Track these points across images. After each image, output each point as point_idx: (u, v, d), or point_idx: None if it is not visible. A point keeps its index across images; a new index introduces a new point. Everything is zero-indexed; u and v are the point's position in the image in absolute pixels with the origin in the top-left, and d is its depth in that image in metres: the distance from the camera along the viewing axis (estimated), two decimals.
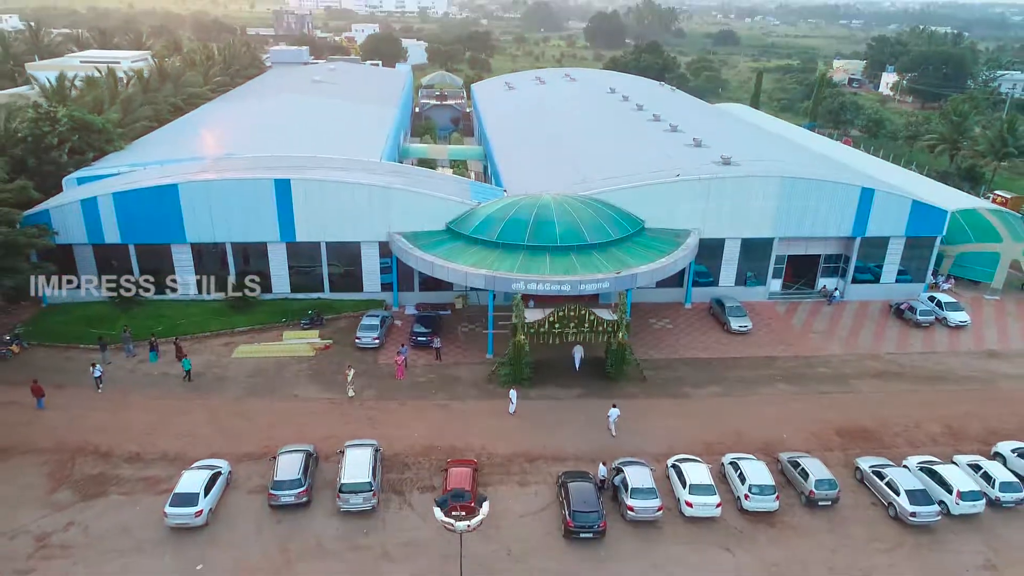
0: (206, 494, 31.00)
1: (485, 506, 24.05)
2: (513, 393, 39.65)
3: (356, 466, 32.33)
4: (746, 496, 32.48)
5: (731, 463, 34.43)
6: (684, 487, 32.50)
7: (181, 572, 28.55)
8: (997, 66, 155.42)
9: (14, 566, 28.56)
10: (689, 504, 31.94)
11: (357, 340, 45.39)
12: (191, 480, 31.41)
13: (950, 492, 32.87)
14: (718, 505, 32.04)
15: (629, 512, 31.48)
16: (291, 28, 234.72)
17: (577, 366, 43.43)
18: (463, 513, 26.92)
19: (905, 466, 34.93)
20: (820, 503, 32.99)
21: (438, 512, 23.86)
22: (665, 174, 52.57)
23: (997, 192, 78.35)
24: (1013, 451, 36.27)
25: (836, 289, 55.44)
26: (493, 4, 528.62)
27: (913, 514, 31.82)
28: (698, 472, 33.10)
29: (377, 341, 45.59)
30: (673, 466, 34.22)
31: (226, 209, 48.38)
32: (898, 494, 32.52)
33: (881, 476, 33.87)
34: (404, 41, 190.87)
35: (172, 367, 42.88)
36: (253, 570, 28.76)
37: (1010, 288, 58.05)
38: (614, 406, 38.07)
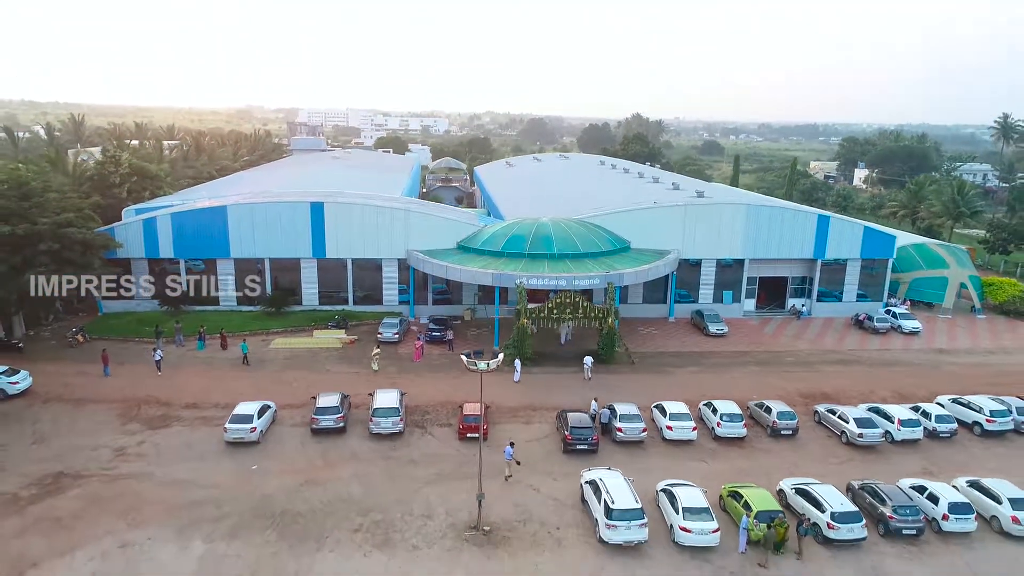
0: (258, 418, 36.56)
1: (500, 356, 30.14)
2: (517, 363, 45.66)
3: (385, 397, 38.15)
4: (718, 424, 38.06)
5: (706, 404, 40.11)
6: (664, 416, 38.12)
7: (239, 473, 33.73)
8: (958, 160, 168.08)
9: (100, 465, 33.89)
10: (669, 428, 37.46)
11: (380, 335, 51.50)
12: (246, 407, 37.11)
13: (892, 421, 38.49)
14: (694, 429, 37.59)
15: (619, 433, 36.98)
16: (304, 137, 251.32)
17: (563, 340, 49.73)
18: (476, 435, 32.72)
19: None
20: (782, 432, 38.50)
21: (464, 358, 30.00)
22: (647, 204, 60.49)
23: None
24: (951, 399, 42.02)
25: (803, 306, 62.10)
26: (492, 124, 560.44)
27: (860, 435, 37.34)
28: (677, 406, 38.78)
29: (397, 336, 51.77)
30: (656, 405, 39.84)
31: (267, 228, 55.76)
32: (847, 422, 38.15)
33: (834, 412, 39.56)
34: (410, 145, 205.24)
35: (219, 353, 48.95)
36: (299, 470, 33.97)
37: (961, 311, 64.68)
38: (589, 355, 44.39)
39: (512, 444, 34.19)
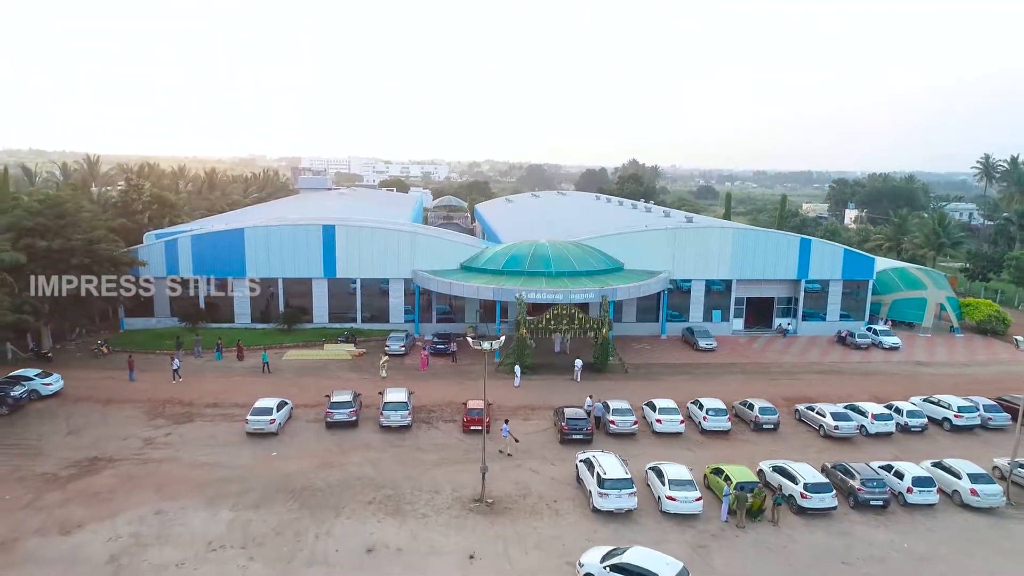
0: (277, 411, 39.42)
1: (502, 338, 33.24)
2: (517, 369, 48.67)
3: (395, 394, 41.13)
4: (704, 418, 40.92)
5: (693, 401, 43.00)
6: (654, 411, 40.99)
7: (260, 458, 36.48)
8: (944, 199, 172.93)
9: (131, 451, 36.67)
10: (659, 421, 40.31)
11: (387, 347, 54.46)
12: (265, 401, 40.04)
13: (866, 416, 41.36)
14: (681, 422, 40.45)
15: (612, 426, 39.80)
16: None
17: (557, 349, 52.84)
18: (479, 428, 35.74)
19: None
20: (764, 426, 41.32)
21: (470, 339, 33.24)
22: (639, 228, 64.15)
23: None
24: (922, 399, 44.92)
25: (790, 325, 65.23)
26: (491, 171, 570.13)
27: (836, 427, 40.19)
28: (666, 402, 41.67)
29: (403, 349, 54.76)
30: (647, 402, 42.70)
31: (281, 249, 59.24)
32: (824, 416, 41.01)
33: (812, 409, 42.45)
34: (412, 188, 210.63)
35: (235, 364, 51.91)
36: (316, 456, 36.72)
37: (941, 330, 67.81)
38: (578, 359, 48.26)
39: (507, 422, 37.30)
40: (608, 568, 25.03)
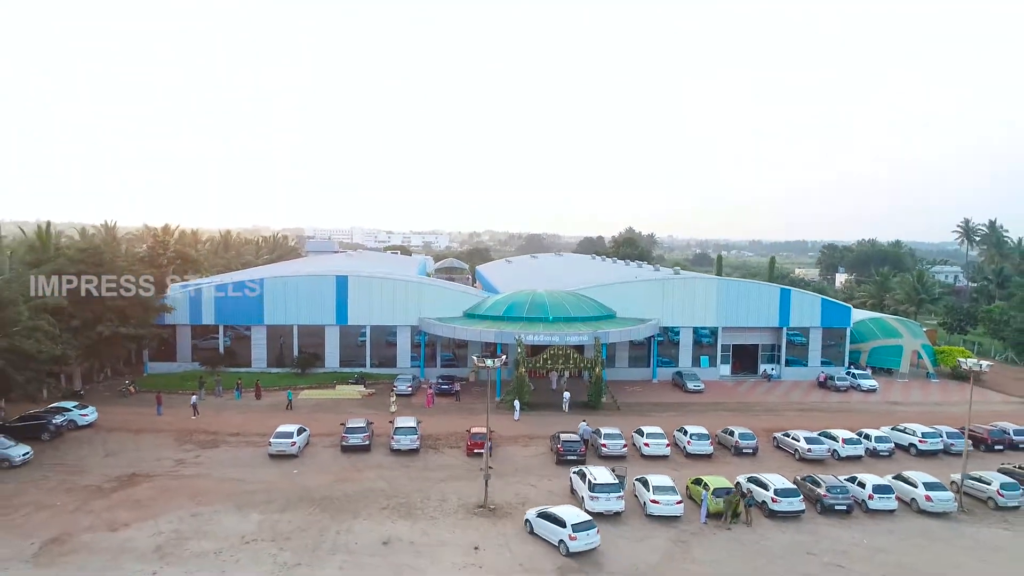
0: (297, 435, 43.15)
1: (503, 357, 37.36)
2: (516, 403, 52.44)
3: (405, 421, 44.93)
4: (688, 442, 44.57)
5: (679, 429, 46.71)
6: (642, 436, 44.70)
7: (282, 475, 40.04)
8: (930, 263, 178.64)
9: (165, 469, 40.29)
10: (647, 444, 43.97)
11: (395, 387, 58.23)
12: (286, 427, 43.84)
13: (837, 441, 45.03)
14: (667, 446, 44.10)
15: (603, 449, 43.43)
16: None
17: (554, 386, 56.64)
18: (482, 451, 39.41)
19: None
20: (744, 451, 44.92)
21: (474, 359, 37.19)
22: (629, 279, 68.85)
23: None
24: (890, 428, 48.63)
25: (773, 370, 69.12)
26: (491, 241, 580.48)
27: (808, 450, 43.86)
28: (654, 428, 45.42)
29: (410, 389, 58.58)
30: (636, 430, 46.40)
31: (297, 298, 63.73)
32: (799, 441, 44.67)
33: (788, 435, 46.13)
34: (414, 255, 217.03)
35: (253, 402, 55.64)
36: (333, 474, 40.27)
37: (918, 376, 71.65)
38: (566, 390, 52.38)
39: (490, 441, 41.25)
40: (537, 515, 32.35)
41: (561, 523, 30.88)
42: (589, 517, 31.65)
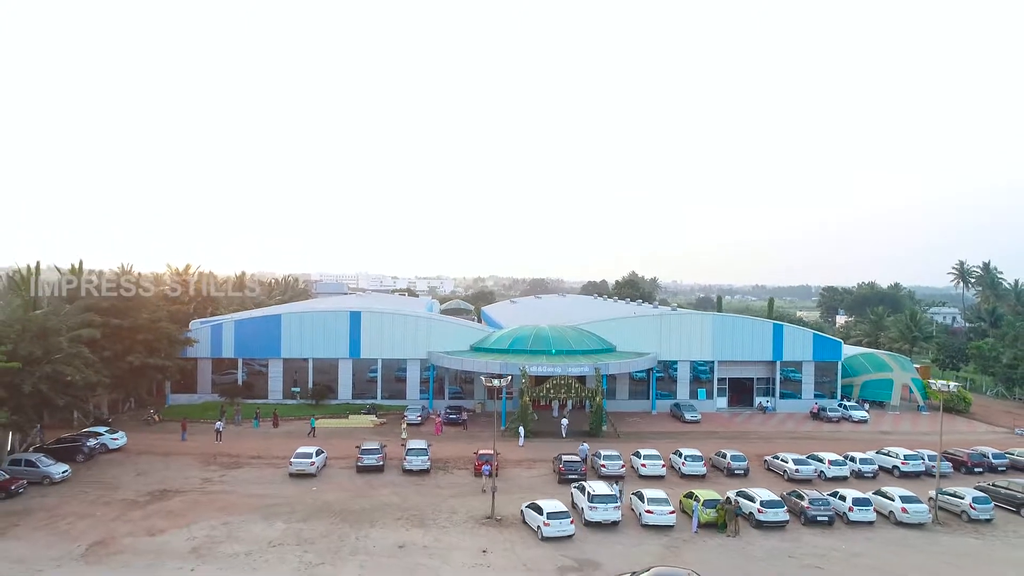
0: (316, 456, 46.11)
1: (509, 377, 40.50)
2: (521, 430, 55.34)
3: (416, 443, 47.89)
4: (683, 464, 47.36)
5: (674, 452, 49.51)
6: (640, 458, 47.53)
7: (303, 491, 42.92)
8: (929, 304, 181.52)
9: (193, 486, 43.23)
10: (644, 465, 46.77)
11: (406, 416, 61.21)
12: (305, 448, 46.83)
13: (823, 463, 47.76)
14: (663, 466, 46.88)
15: (602, 468, 46.24)
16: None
17: (556, 414, 59.55)
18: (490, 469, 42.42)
19: None
20: (735, 471, 47.65)
21: (483, 379, 40.25)
22: (629, 314, 72.17)
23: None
24: (875, 452, 51.33)
25: (768, 402, 71.86)
26: (495, 285, 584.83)
27: (796, 470, 46.56)
28: (651, 451, 48.28)
29: (420, 419, 61.55)
30: (634, 452, 49.22)
31: (312, 333, 67.17)
32: (787, 462, 47.43)
33: (778, 458, 48.89)
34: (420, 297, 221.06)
35: (271, 430, 58.62)
36: (350, 491, 43.12)
37: (909, 409, 74.27)
38: (563, 412, 54.20)
39: (490, 464, 44.02)
40: (526, 506, 37.41)
41: (540, 511, 35.76)
42: (565, 509, 36.25)
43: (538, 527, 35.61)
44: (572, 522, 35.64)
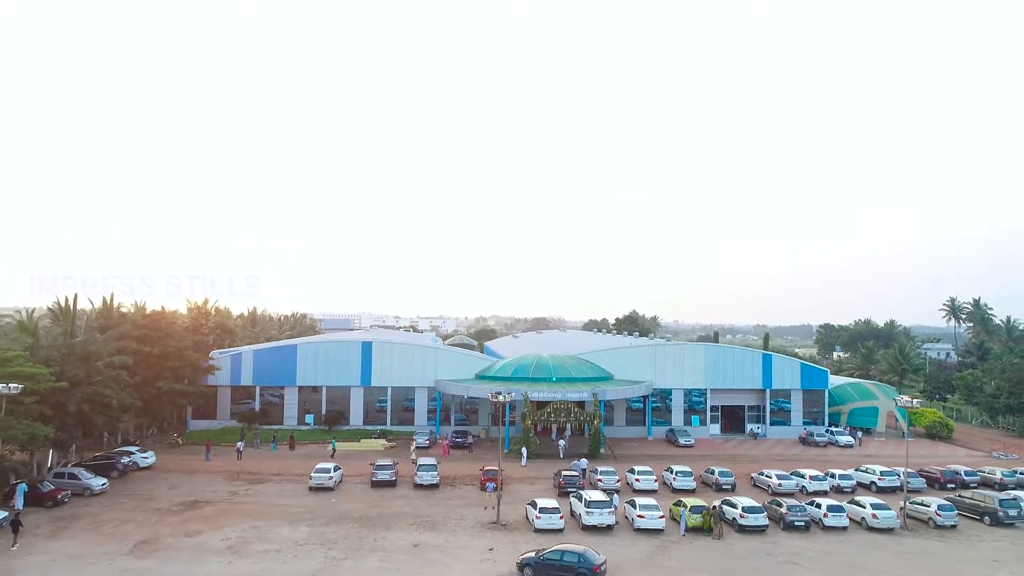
0: (334, 472, 49.83)
1: (513, 394, 44.31)
2: (524, 451, 58.98)
3: (426, 461, 51.62)
4: (674, 479, 50.99)
5: (666, 469, 53.14)
6: (634, 473, 51.19)
7: (322, 502, 46.56)
8: (923, 340, 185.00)
9: (222, 497, 46.90)
10: (637, 480, 50.40)
11: (414, 439, 64.89)
12: (324, 464, 50.58)
13: (805, 478, 51.36)
14: (655, 481, 50.51)
15: (599, 483, 49.86)
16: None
17: (554, 436, 63.29)
18: (494, 486, 46.20)
19: None
20: (723, 486, 51.22)
21: (490, 395, 44.11)
22: (625, 344, 76.19)
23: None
24: (855, 469, 54.89)
25: (759, 429, 75.39)
26: (497, 324, 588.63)
27: (779, 484, 50.15)
28: (644, 467, 51.96)
29: (428, 442, 65.21)
30: (629, 469, 52.87)
31: (326, 362, 71.17)
32: (771, 478, 51.04)
33: (763, 474, 52.51)
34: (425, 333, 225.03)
35: (288, 452, 62.29)
36: (365, 502, 46.76)
37: (895, 436, 77.72)
38: (562, 436, 57.95)
39: (493, 480, 47.70)
40: (527, 504, 42.92)
41: (535, 507, 41.17)
42: (556, 506, 41.39)
43: (532, 519, 41.02)
44: (561, 517, 40.72)
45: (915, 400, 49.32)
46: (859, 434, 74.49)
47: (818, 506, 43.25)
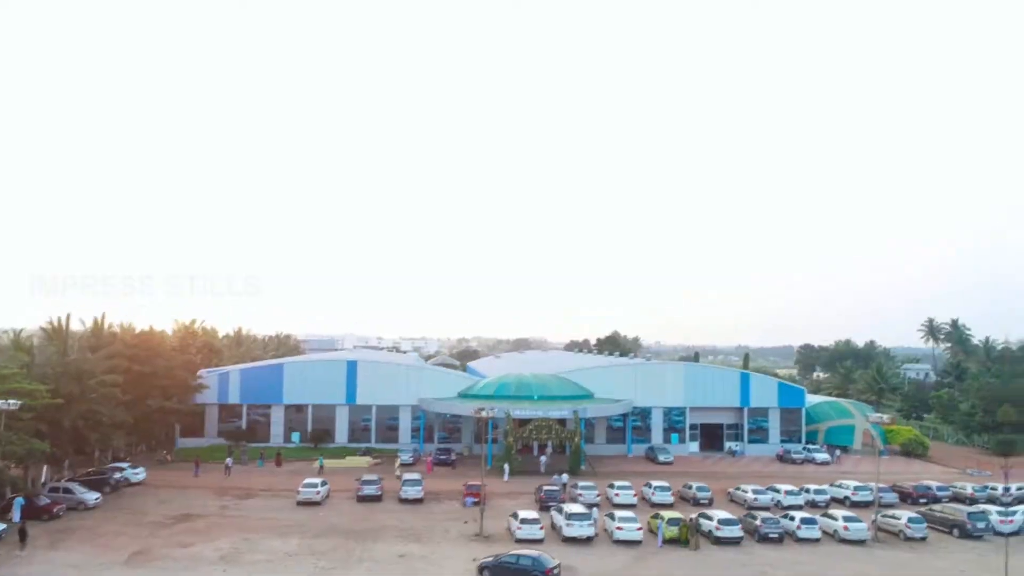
0: (321, 487, 50.99)
1: (495, 409, 45.85)
2: (506, 467, 60.38)
3: (410, 475, 52.93)
4: (652, 493, 52.62)
5: (645, 484, 54.71)
6: (613, 488, 52.72)
7: (311, 516, 47.66)
8: (903, 361, 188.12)
9: (212, 511, 47.97)
10: (617, 495, 51.93)
11: (399, 456, 66.01)
12: (311, 479, 51.75)
13: (780, 493, 53.12)
14: (635, 495, 52.05)
15: (580, 497, 51.29)
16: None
17: (536, 453, 64.79)
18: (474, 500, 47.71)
19: None
20: (701, 501, 52.82)
21: (474, 411, 45.56)
22: (605, 364, 78.00)
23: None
24: (829, 485, 56.76)
25: (738, 447, 77.14)
26: (479, 346, 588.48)
27: (755, 499, 51.84)
28: (624, 482, 53.55)
29: (412, 459, 66.39)
30: (609, 484, 54.37)
31: (313, 380, 72.32)
32: (747, 492, 52.76)
33: (739, 488, 54.22)
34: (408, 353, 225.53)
35: (275, 469, 63.25)
36: (352, 516, 47.91)
37: (871, 453, 79.65)
38: (543, 453, 59.37)
39: (471, 494, 49.07)
40: (510, 515, 44.50)
41: (516, 517, 43.11)
42: (536, 517, 43.37)
43: (513, 530, 42.61)
44: (542, 528, 42.42)
45: (886, 417, 51.18)
46: (836, 451, 76.33)
47: (792, 519, 44.92)
